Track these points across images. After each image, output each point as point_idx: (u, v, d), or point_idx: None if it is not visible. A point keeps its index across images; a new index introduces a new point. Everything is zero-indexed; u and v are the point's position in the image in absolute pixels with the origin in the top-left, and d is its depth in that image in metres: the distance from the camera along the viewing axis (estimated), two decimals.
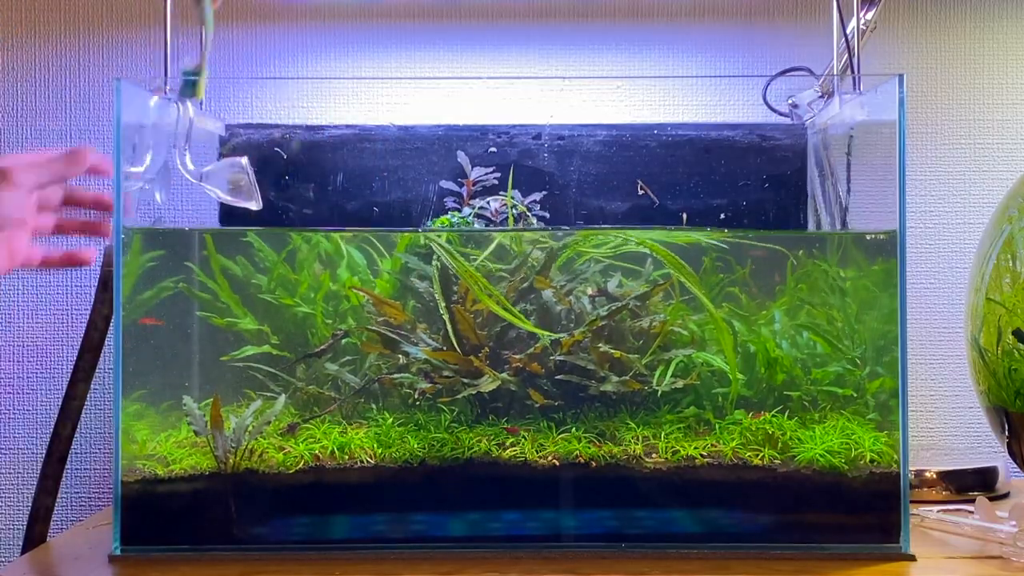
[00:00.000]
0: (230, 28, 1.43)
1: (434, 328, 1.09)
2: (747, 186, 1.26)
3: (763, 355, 1.09)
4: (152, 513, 1.03)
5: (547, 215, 1.23)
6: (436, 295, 1.08)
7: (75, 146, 0.97)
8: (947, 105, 1.44)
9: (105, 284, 1.18)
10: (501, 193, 1.22)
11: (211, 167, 1.15)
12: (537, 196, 1.23)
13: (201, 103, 1.14)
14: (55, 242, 1.05)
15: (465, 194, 1.23)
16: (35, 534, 1.16)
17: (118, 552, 1.02)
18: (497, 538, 1.04)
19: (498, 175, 1.23)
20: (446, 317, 1.07)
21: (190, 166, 1.13)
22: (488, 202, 1.22)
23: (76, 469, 1.44)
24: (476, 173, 1.23)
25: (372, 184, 1.26)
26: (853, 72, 1.17)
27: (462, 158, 1.24)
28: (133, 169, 1.07)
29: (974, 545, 1.06)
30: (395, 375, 1.08)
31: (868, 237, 1.12)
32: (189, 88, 1.10)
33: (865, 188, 1.22)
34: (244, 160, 1.15)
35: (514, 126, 1.26)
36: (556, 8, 1.44)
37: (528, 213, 1.22)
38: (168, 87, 1.11)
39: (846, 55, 1.21)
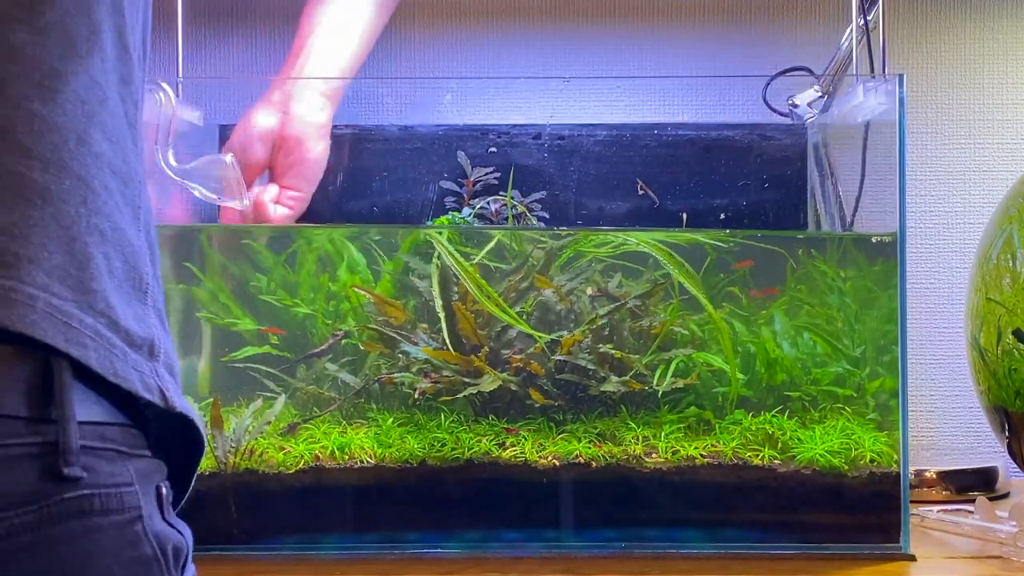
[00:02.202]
0: (232, 29, 1.43)
1: (435, 328, 1.09)
2: (747, 186, 1.26)
3: (763, 355, 1.09)
4: None
5: (547, 215, 1.23)
6: (435, 294, 1.08)
7: None
8: (947, 105, 1.44)
9: None
10: (501, 193, 1.22)
11: (194, 164, 1.10)
12: (537, 196, 1.23)
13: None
14: None
15: (465, 194, 1.23)
16: None
17: None
18: (497, 538, 1.04)
19: (498, 175, 1.23)
20: (442, 316, 1.07)
21: (172, 162, 1.08)
22: (488, 202, 1.22)
23: None
24: (476, 173, 1.23)
25: (371, 184, 1.26)
26: (871, 55, 1.16)
27: (462, 158, 1.24)
28: None
29: (974, 545, 1.06)
30: (395, 375, 1.08)
31: (874, 240, 1.12)
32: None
33: (865, 188, 1.22)
34: (229, 157, 1.10)
35: (514, 126, 1.25)
36: (556, 7, 1.44)
37: (528, 213, 1.22)
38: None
39: (853, 46, 1.20)
